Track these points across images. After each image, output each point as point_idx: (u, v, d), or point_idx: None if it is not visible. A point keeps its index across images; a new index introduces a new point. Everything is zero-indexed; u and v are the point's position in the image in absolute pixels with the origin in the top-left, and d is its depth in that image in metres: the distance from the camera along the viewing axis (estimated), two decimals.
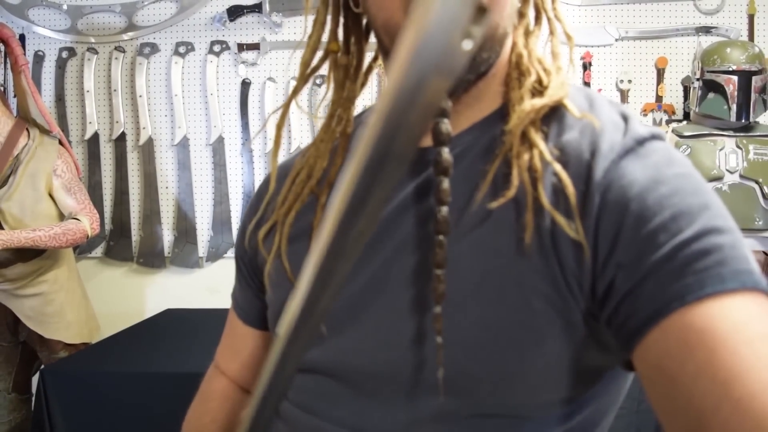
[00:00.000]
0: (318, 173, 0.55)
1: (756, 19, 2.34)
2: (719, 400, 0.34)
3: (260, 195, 0.63)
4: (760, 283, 0.37)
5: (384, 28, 0.48)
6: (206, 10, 2.41)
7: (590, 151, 0.44)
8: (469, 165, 0.48)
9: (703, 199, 0.40)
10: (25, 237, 1.73)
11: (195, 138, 2.44)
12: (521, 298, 0.42)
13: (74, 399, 1.59)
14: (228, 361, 0.71)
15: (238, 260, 0.67)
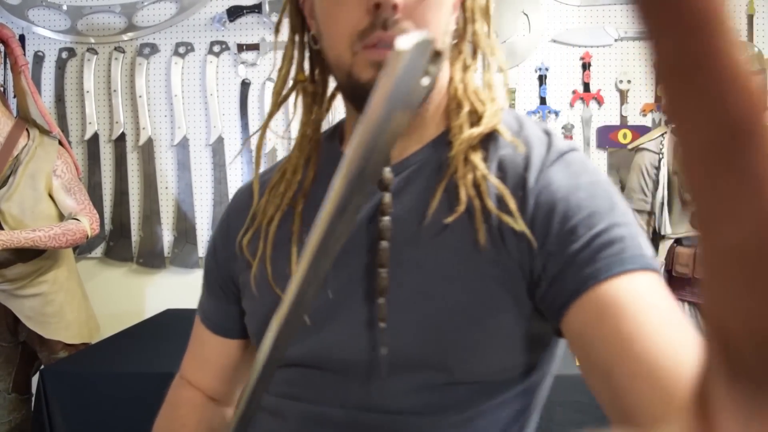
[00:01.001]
0: (294, 185, 0.63)
1: (755, 19, 2.34)
2: (623, 355, 0.44)
3: (229, 212, 0.71)
4: (652, 264, 0.48)
5: (335, 63, 0.56)
6: (206, 11, 2.41)
7: (524, 164, 0.55)
8: (425, 182, 0.57)
9: (611, 201, 0.52)
10: (24, 237, 1.73)
11: (195, 138, 2.44)
12: (480, 284, 0.52)
13: (74, 399, 1.59)
14: (195, 371, 0.75)
15: (208, 272, 0.73)
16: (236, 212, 0.69)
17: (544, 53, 2.39)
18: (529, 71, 2.40)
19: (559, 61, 2.39)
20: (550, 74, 2.39)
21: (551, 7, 2.38)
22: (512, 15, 2.37)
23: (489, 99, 0.59)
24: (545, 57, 2.39)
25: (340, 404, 0.56)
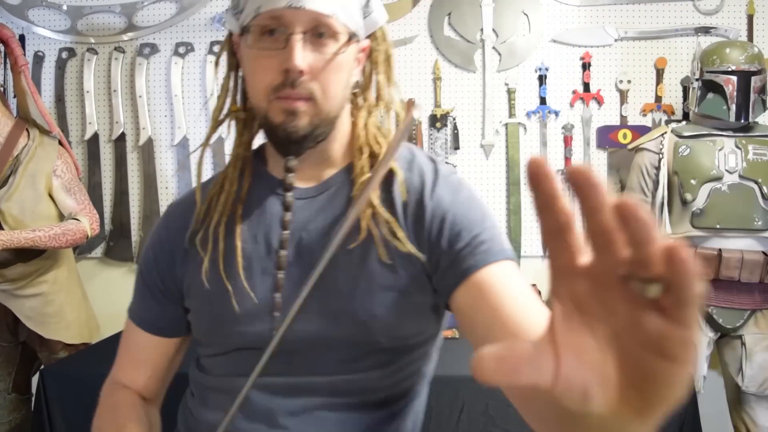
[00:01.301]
0: (232, 195, 0.76)
1: (755, 19, 2.34)
2: (496, 318, 0.62)
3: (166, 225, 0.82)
4: (511, 255, 0.70)
5: (255, 106, 0.72)
6: (206, 11, 2.41)
7: (420, 185, 0.74)
8: (332, 207, 0.75)
9: (482, 212, 0.73)
10: (24, 237, 1.73)
11: (195, 138, 2.44)
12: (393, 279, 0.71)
13: (74, 399, 1.59)
14: (130, 372, 0.84)
15: (148, 280, 0.82)
16: (174, 224, 0.80)
17: (544, 53, 2.39)
18: (529, 71, 2.40)
19: (559, 61, 2.39)
20: (550, 74, 2.39)
21: (551, 7, 2.38)
22: (512, 15, 2.37)
23: (385, 142, 0.76)
24: (545, 57, 2.39)
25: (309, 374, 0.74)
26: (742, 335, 1.95)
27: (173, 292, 0.81)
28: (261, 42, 0.67)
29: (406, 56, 2.40)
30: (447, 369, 1.56)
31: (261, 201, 0.77)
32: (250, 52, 0.69)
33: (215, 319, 0.76)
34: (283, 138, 0.70)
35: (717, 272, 1.92)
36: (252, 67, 0.70)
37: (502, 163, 2.42)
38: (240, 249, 0.74)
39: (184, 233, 0.79)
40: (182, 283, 0.79)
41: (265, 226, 0.75)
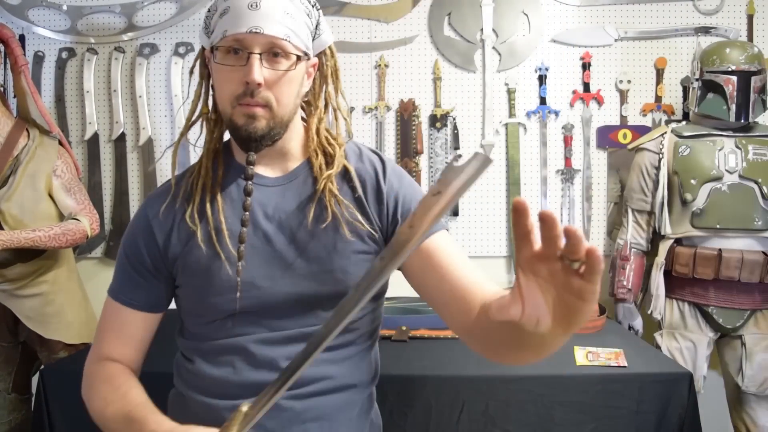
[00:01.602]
0: (209, 181, 0.92)
1: (755, 19, 2.34)
2: (443, 280, 0.84)
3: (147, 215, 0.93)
4: (445, 226, 0.91)
5: (222, 111, 0.88)
6: (206, 11, 2.41)
7: (374, 174, 0.94)
8: (300, 193, 0.91)
9: (421, 193, 0.90)
10: (24, 237, 1.73)
11: (195, 138, 2.44)
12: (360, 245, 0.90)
13: (74, 399, 1.57)
14: (118, 347, 0.93)
15: (136, 262, 0.92)
16: (157, 212, 0.92)
17: (544, 53, 2.39)
18: (529, 71, 2.40)
19: (559, 61, 2.39)
20: (550, 74, 2.39)
21: (551, 7, 2.38)
22: (512, 15, 2.38)
23: (336, 143, 0.93)
24: (545, 57, 2.39)
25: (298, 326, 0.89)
26: (742, 335, 1.95)
27: (163, 272, 0.92)
28: (226, 59, 0.83)
29: (406, 56, 2.40)
30: (447, 369, 1.56)
31: (233, 185, 0.93)
32: (218, 67, 0.84)
33: (213, 289, 0.88)
34: (245, 137, 0.85)
35: (717, 272, 1.92)
36: (219, 79, 0.86)
37: (502, 163, 2.42)
38: (224, 225, 0.88)
39: (169, 218, 0.92)
40: (174, 262, 0.91)
41: (239, 209, 0.91)
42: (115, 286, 0.95)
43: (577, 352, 1.67)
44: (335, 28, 2.40)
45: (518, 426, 1.51)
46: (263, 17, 0.80)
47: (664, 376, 1.54)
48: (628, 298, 2.11)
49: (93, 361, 0.94)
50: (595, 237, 2.43)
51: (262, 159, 0.91)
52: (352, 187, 0.92)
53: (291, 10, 0.83)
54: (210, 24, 0.87)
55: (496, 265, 2.45)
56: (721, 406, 2.10)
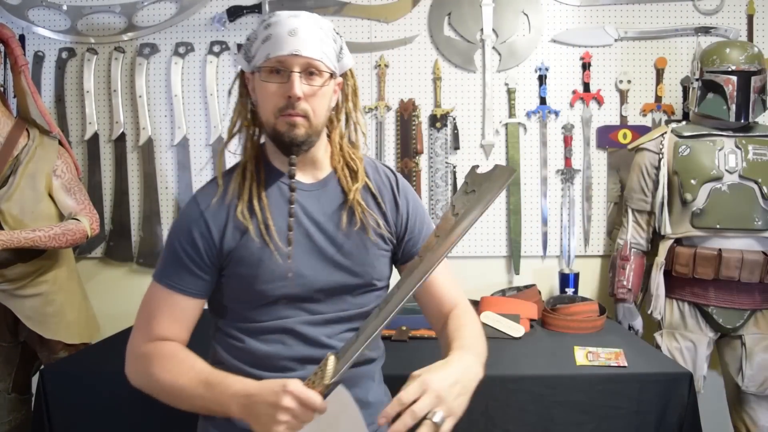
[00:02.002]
0: (254, 181, 1.06)
1: (755, 19, 2.34)
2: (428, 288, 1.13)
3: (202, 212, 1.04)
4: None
5: (265, 121, 1.03)
6: (206, 11, 2.41)
7: (390, 187, 1.14)
8: (332, 200, 1.09)
9: (424, 208, 1.19)
10: (24, 237, 1.73)
11: (195, 138, 2.44)
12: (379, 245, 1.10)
13: (74, 399, 1.59)
14: (170, 329, 1.02)
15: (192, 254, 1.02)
16: (210, 209, 1.04)
17: (544, 53, 2.39)
18: (529, 71, 2.40)
19: (559, 61, 2.39)
20: (550, 74, 2.39)
21: (551, 7, 2.38)
22: (512, 15, 2.37)
23: (357, 157, 1.12)
24: (545, 57, 2.39)
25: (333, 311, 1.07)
26: (742, 335, 1.95)
27: (215, 262, 1.04)
28: (271, 78, 0.98)
29: (406, 56, 2.40)
30: None
31: (274, 186, 1.07)
32: (262, 84, 0.99)
33: (263, 278, 1.02)
34: (288, 143, 1.00)
35: (717, 272, 1.92)
36: (264, 94, 1.00)
37: (502, 163, 2.42)
38: (271, 221, 1.02)
39: (222, 213, 1.03)
40: (229, 254, 1.02)
41: (284, 208, 1.05)
42: (167, 274, 1.03)
43: (577, 352, 1.67)
44: (335, 28, 2.40)
45: (518, 426, 1.51)
46: (301, 42, 0.97)
47: (664, 376, 1.54)
48: (628, 298, 2.11)
49: (144, 342, 1.02)
50: (595, 237, 2.43)
51: (296, 166, 1.05)
52: (373, 197, 1.11)
53: (322, 36, 1.00)
54: (251, 50, 1.02)
55: (496, 265, 2.45)
56: (721, 406, 2.10)
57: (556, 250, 2.43)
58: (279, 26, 0.98)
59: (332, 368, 0.86)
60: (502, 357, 1.69)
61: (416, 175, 2.38)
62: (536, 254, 2.43)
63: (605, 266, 2.40)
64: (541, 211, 2.42)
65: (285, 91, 0.97)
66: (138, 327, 1.05)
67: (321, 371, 0.86)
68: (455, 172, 2.41)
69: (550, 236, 2.42)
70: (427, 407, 0.80)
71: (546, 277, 2.42)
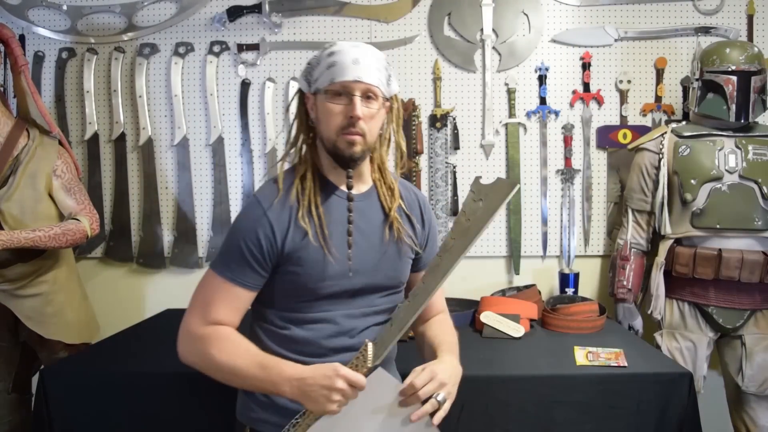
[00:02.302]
0: (313, 187, 1.17)
1: (755, 19, 2.34)
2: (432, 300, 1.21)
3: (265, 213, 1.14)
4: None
5: (326, 138, 1.15)
6: (206, 11, 2.41)
7: (417, 202, 1.32)
8: (376, 211, 1.23)
9: (436, 221, 1.40)
10: (24, 237, 1.73)
11: (195, 138, 2.44)
12: (408, 253, 1.26)
13: (74, 399, 1.59)
14: (227, 316, 1.13)
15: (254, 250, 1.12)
16: (273, 212, 1.14)
17: (544, 53, 2.39)
18: (529, 71, 2.40)
19: (559, 61, 2.39)
20: (550, 74, 2.39)
21: (551, 7, 2.38)
22: (512, 15, 2.38)
23: (393, 178, 1.26)
24: (545, 57, 2.39)
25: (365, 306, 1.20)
26: (742, 335, 1.95)
27: (273, 260, 1.14)
28: (334, 100, 1.11)
29: (406, 56, 2.40)
30: None
31: (328, 197, 1.18)
32: (326, 105, 1.12)
33: (315, 277, 1.14)
34: (348, 158, 1.13)
35: (717, 272, 1.92)
36: (326, 114, 1.12)
37: (502, 163, 2.42)
38: (326, 227, 1.14)
39: (285, 216, 1.14)
40: (289, 254, 1.13)
41: (337, 215, 1.18)
42: (230, 268, 1.13)
43: (577, 352, 1.67)
44: (335, 28, 2.40)
45: (518, 426, 1.51)
46: (363, 70, 1.11)
47: (664, 376, 1.54)
48: (628, 298, 2.11)
49: (201, 325, 1.12)
50: (595, 237, 2.43)
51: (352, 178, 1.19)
52: (406, 214, 1.27)
53: (378, 66, 1.14)
54: (313, 74, 1.15)
55: (496, 265, 2.45)
56: (721, 406, 2.10)
57: (556, 250, 2.43)
58: (343, 55, 1.11)
59: (372, 353, 1.02)
60: (502, 357, 1.69)
61: (416, 175, 2.38)
62: (536, 254, 2.43)
63: (605, 266, 2.40)
64: (541, 211, 2.42)
65: (347, 112, 1.10)
66: (194, 310, 1.14)
67: (362, 356, 1.02)
68: (455, 172, 2.41)
69: (550, 236, 2.42)
70: (433, 390, 1.04)
71: (546, 277, 2.42)
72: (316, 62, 1.15)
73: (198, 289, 1.17)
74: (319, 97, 1.13)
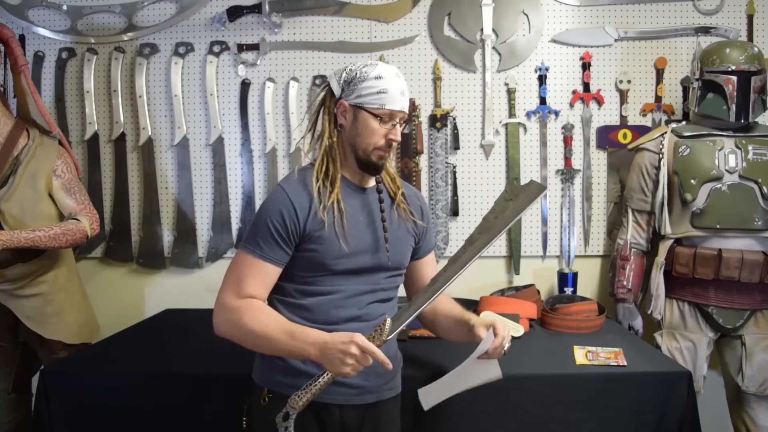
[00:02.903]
0: (333, 185, 1.30)
1: (755, 19, 2.34)
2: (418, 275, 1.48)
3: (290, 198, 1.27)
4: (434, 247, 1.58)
5: (362, 149, 1.29)
6: (206, 11, 2.41)
7: (416, 198, 1.47)
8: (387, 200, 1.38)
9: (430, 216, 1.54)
10: (24, 237, 1.73)
11: (195, 138, 2.45)
12: (412, 238, 1.41)
13: (74, 399, 1.59)
14: (258, 289, 1.26)
15: (282, 231, 1.25)
16: (296, 197, 1.26)
17: (544, 53, 2.39)
18: (529, 71, 2.40)
19: (559, 61, 2.39)
20: (550, 74, 2.39)
21: (551, 7, 2.38)
22: (512, 15, 2.38)
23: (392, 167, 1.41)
24: (545, 57, 2.39)
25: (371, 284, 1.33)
26: (742, 335, 1.95)
27: (296, 239, 1.26)
28: (380, 122, 1.27)
29: (406, 56, 2.40)
30: (447, 369, 1.56)
31: (344, 188, 1.31)
32: (370, 123, 1.27)
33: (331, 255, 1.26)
34: (378, 168, 1.31)
35: (717, 272, 1.92)
36: (368, 131, 1.27)
37: (502, 163, 2.42)
38: (345, 218, 1.28)
39: (307, 202, 1.26)
40: (309, 234, 1.25)
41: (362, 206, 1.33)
42: (259, 246, 1.26)
43: (576, 351, 1.67)
44: (335, 28, 2.41)
45: (518, 426, 1.51)
46: (405, 102, 1.29)
47: (663, 376, 1.54)
48: (628, 298, 2.11)
49: (235, 298, 1.24)
50: (595, 237, 2.43)
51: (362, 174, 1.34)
52: (408, 203, 1.41)
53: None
54: (356, 87, 1.27)
55: (496, 265, 2.45)
56: (721, 406, 2.10)
57: (556, 250, 2.43)
58: (391, 83, 1.26)
59: (389, 328, 1.14)
60: (502, 356, 1.69)
61: (416, 175, 2.38)
62: (536, 254, 2.43)
63: (605, 266, 2.40)
64: (541, 211, 2.42)
65: (388, 135, 1.27)
66: (228, 286, 1.26)
67: (380, 329, 1.14)
68: (455, 172, 2.41)
69: (550, 236, 2.42)
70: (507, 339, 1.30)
71: (546, 277, 2.42)
72: (360, 78, 1.27)
73: (230, 267, 1.28)
74: (361, 112, 1.27)
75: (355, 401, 1.30)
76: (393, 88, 1.26)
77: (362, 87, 1.26)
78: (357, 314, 1.29)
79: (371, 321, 1.30)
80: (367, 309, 1.31)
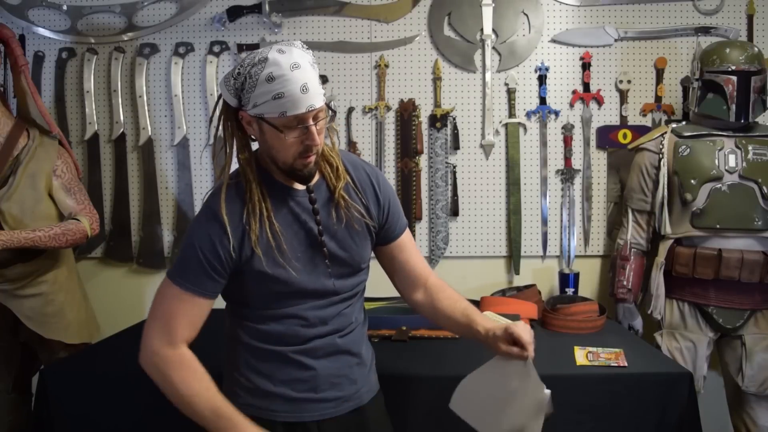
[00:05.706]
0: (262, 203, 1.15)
1: (755, 19, 2.34)
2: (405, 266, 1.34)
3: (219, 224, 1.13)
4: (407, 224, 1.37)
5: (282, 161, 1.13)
6: (206, 11, 2.41)
7: (369, 180, 1.27)
8: (325, 197, 1.21)
9: (397, 198, 1.34)
10: (24, 237, 1.73)
11: (195, 138, 2.44)
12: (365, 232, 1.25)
13: (74, 399, 1.59)
14: (188, 331, 1.14)
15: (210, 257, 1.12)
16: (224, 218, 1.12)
17: (544, 53, 2.39)
18: (529, 71, 2.40)
19: (559, 61, 2.39)
20: (550, 74, 2.39)
21: (551, 7, 2.38)
22: (512, 15, 2.38)
23: (334, 153, 1.23)
24: (545, 57, 2.39)
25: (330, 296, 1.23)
26: (742, 335, 1.95)
27: (231, 267, 1.14)
28: (288, 132, 1.08)
29: (406, 56, 2.40)
30: (447, 369, 1.56)
31: (279, 199, 1.17)
32: (278, 135, 1.08)
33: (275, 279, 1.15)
34: (306, 176, 1.14)
35: (717, 272, 1.92)
36: (281, 143, 1.10)
37: (502, 163, 2.42)
38: (280, 234, 1.14)
39: (239, 225, 1.13)
40: (246, 260, 1.13)
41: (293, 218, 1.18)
42: (188, 278, 1.13)
43: (577, 352, 1.67)
44: (335, 28, 2.40)
45: None
46: (312, 96, 1.06)
47: (664, 376, 1.54)
48: (628, 298, 2.11)
49: (165, 345, 1.11)
50: (595, 237, 2.43)
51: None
52: (356, 192, 1.24)
53: (315, 74, 1.08)
54: (248, 95, 1.07)
55: (496, 265, 2.45)
56: (721, 406, 2.10)
57: (556, 250, 2.43)
58: (288, 82, 1.04)
59: None
60: None
61: (416, 175, 2.38)
62: (536, 254, 2.43)
63: (605, 266, 2.40)
64: (541, 211, 2.42)
65: (304, 140, 1.09)
66: (156, 324, 1.13)
67: None
68: (455, 172, 2.41)
69: (550, 236, 2.42)
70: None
71: (546, 277, 2.42)
72: (251, 83, 1.06)
73: (157, 298, 1.15)
74: (263, 123, 1.08)
75: (332, 414, 1.22)
76: (291, 88, 1.04)
77: (256, 95, 1.05)
78: (325, 330, 1.21)
79: (346, 330, 1.25)
80: (336, 322, 1.22)
